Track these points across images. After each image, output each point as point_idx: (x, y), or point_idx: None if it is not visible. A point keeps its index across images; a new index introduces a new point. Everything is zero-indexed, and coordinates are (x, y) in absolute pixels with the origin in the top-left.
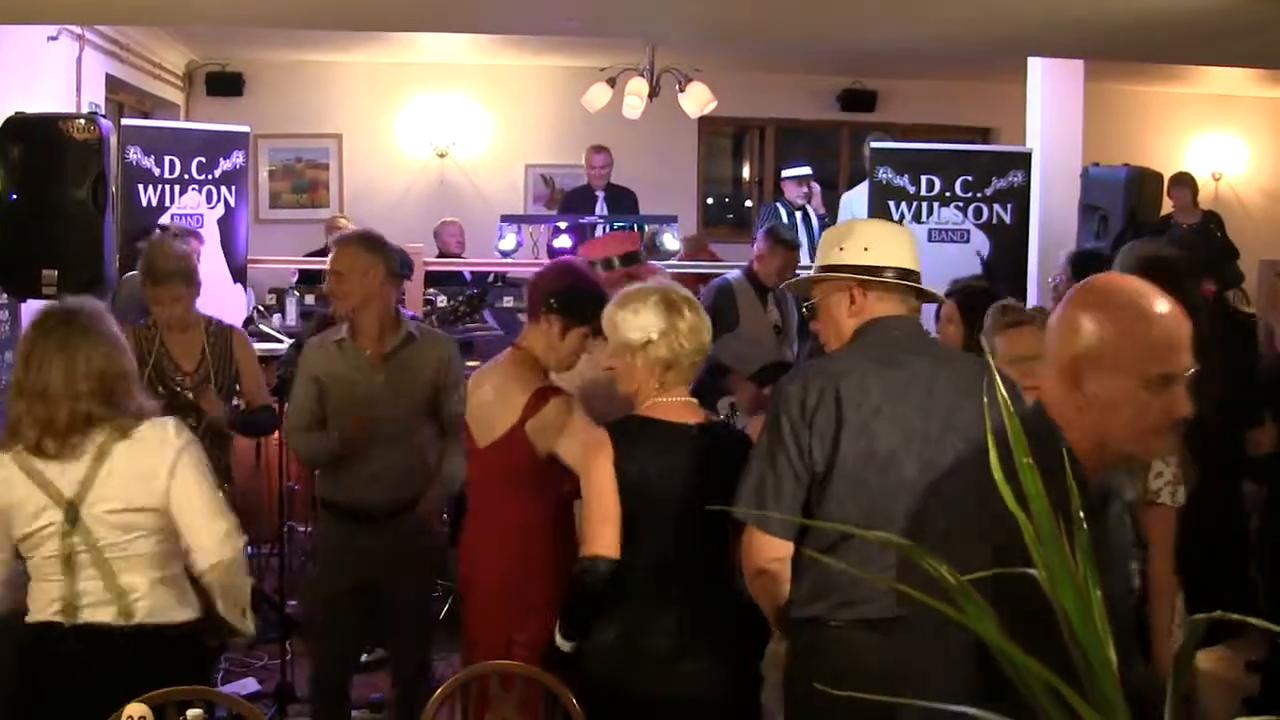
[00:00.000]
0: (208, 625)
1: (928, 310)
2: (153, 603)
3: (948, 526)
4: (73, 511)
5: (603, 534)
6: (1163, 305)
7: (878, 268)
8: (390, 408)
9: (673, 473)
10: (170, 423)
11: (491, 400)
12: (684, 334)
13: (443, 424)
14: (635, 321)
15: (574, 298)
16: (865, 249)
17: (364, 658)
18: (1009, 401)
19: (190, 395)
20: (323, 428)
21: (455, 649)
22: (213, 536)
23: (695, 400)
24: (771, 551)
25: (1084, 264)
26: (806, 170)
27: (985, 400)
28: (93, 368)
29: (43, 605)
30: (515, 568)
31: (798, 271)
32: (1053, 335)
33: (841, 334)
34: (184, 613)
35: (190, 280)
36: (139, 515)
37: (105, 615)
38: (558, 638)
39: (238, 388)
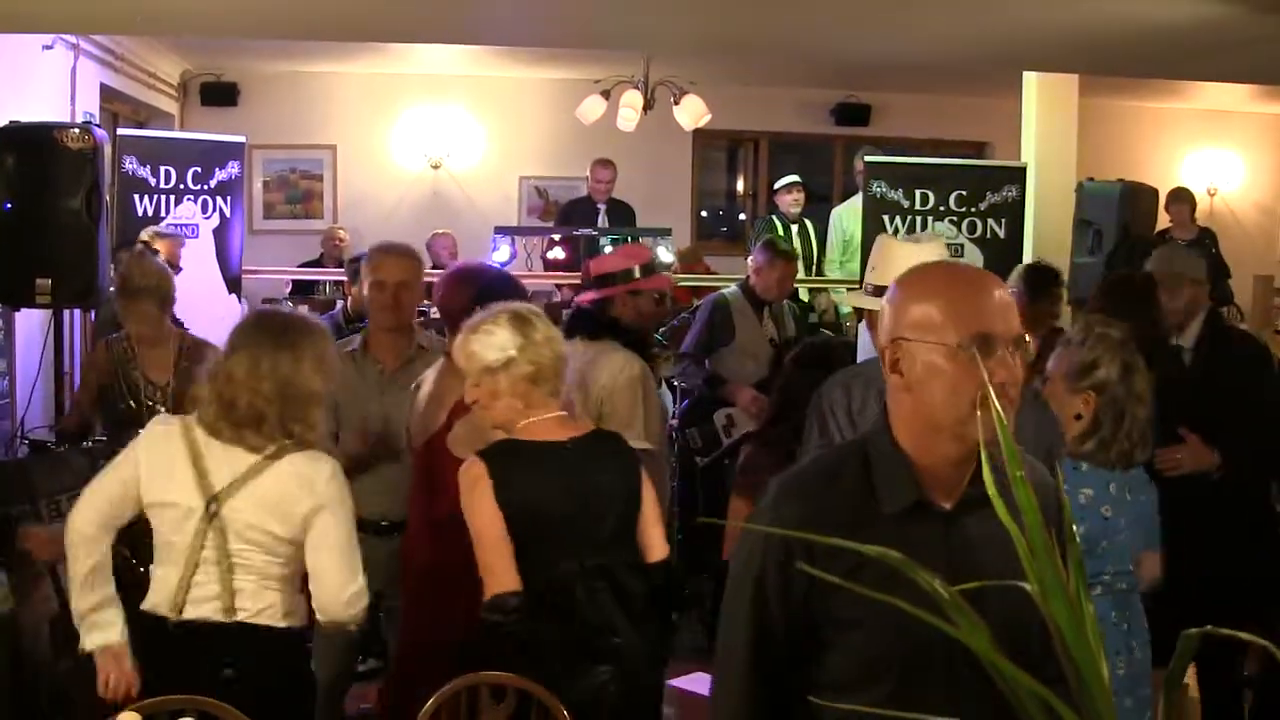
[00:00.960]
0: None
1: None
2: (257, 604)
3: None
4: (214, 506)
5: (497, 569)
6: (973, 274)
7: (881, 288)
8: (400, 421)
9: (551, 492)
10: (328, 463)
11: (425, 405)
12: (541, 345)
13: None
14: (491, 342)
15: (496, 293)
16: (872, 268)
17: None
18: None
19: (162, 410)
20: (333, 441)
21: None
22: (338, 595)
23: (565, 413)
24: None
25: (1036, 277)
26: (795, 178)
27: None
28: (278, 371)
29: (156, 588)
30: (438, 568)
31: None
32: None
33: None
34: (289, 620)
35: (163, 299)
36: (269, 539)
37: (208, 609)
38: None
39: None
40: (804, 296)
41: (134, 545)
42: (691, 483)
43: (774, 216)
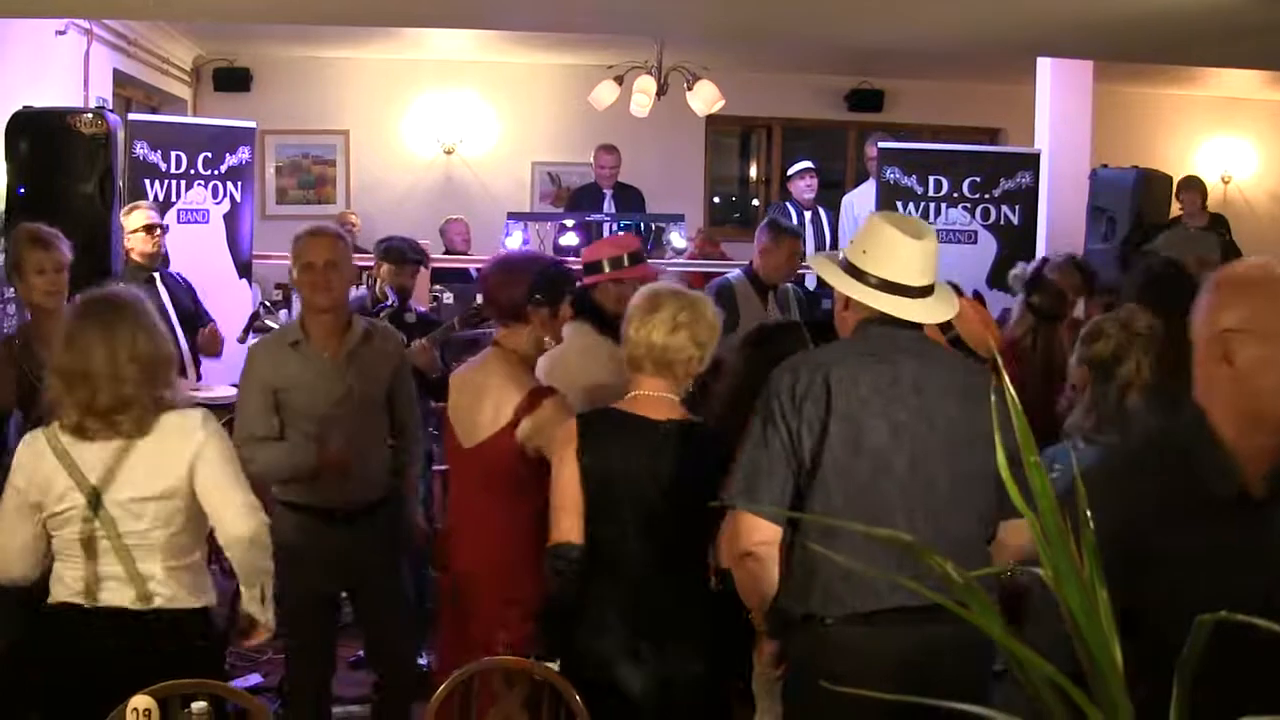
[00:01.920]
0: (229, 615)
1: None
2: (170, 590)
3: None
4: (95, 498)
5: (563, 523)
6: None
7: (861, 273)
8: (356, 408)
9: (630, 466)
10: (197, 414)
11: (480, 401)
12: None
13: (399, 413)
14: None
15: (551, 281)
16: (864, 251)
17: (359, 653)
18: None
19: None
20: (279, 437)
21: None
22: (233, 510)
23: (673, 396)
24: (760, 534)
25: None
26: (809, 164)
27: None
28: (137, 350)
29: (64, 586)
30: (497, 569)
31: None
32: (1195, 321)
33: (842, 327)
34: (200, 599)
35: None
36: (159, 504)
37: (124, 599)
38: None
39: None
40: (811, 283)
41: None
42: None
43: (787, 203)
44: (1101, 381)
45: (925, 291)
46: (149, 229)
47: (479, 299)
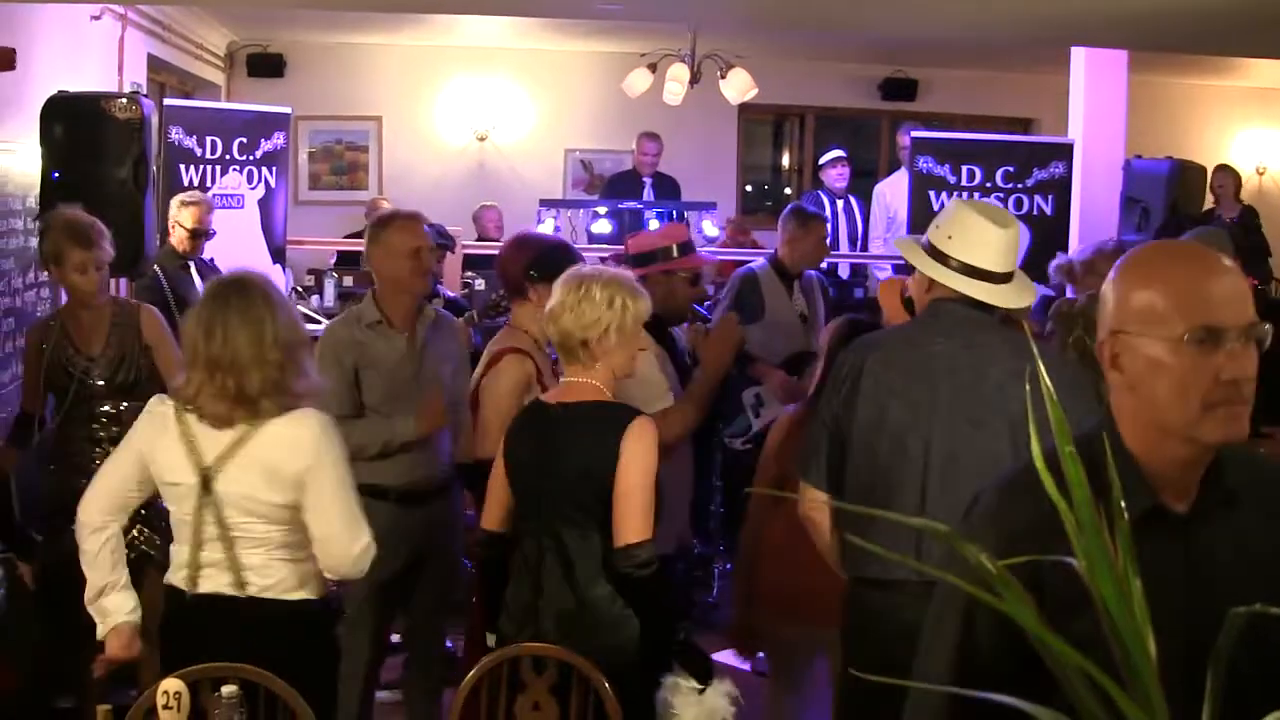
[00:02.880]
0: (330, 603)
1: None
2: (268, 579)
3: None
4: (206, 481)
5: (487, 506)
6: (1202, 256)
7: (944, 255)
8: (429, 389)
9: (528, 450)
10: (315, 419)
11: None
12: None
13: (457, 398)
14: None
15: (549, 259)
16: (949, 236)
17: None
18: (1051, 388)
19: (100, 384)
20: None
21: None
22: (345, 553)
23: (589, 381)
24: (810, 501)
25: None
26: (840, 153)
27: (1028, 387)
28: (280, 337)
29: (174, 566)
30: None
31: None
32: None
33: (890, 307)
34: (302, 592)
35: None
36: (262, 505)
37: (221, 584)
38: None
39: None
40: (844, 273)
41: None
42: (725, 462)
43: (820, 192)
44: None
45: (1006, 278)
46: (195, 235)
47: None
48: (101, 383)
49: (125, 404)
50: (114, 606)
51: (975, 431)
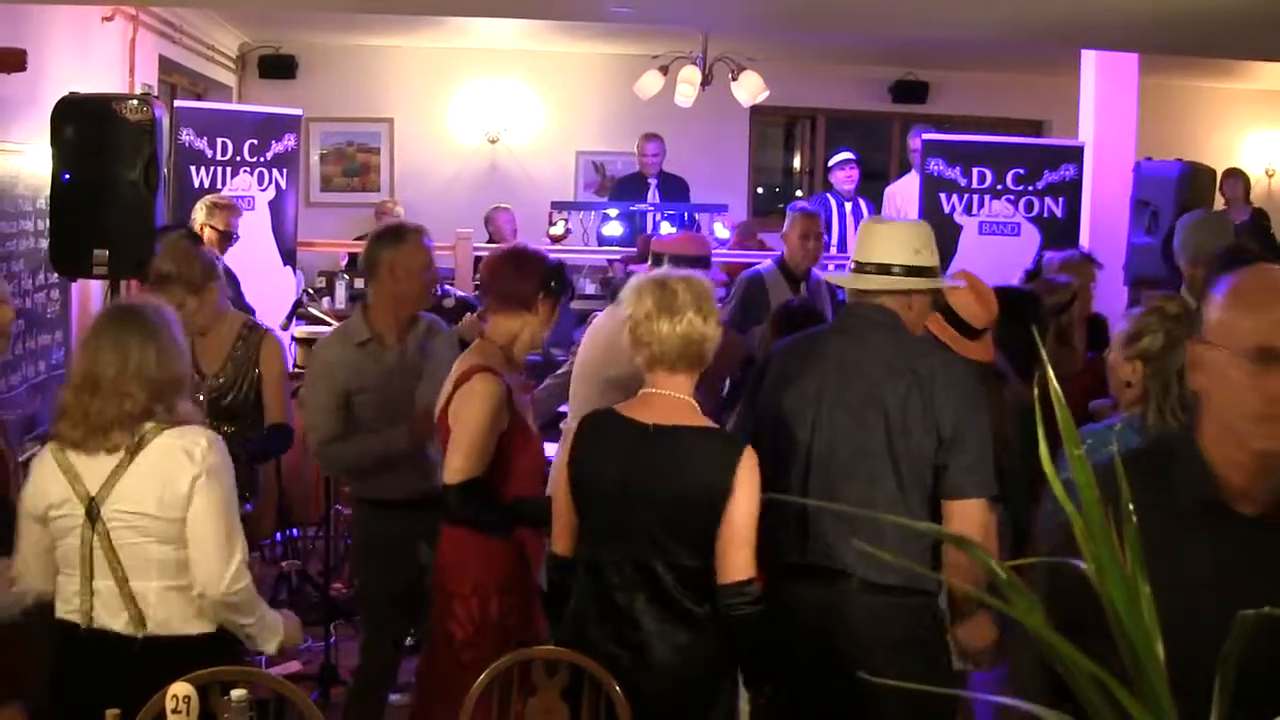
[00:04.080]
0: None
1: None
2: (164, 613)
3: None
4: (93, 508)
5: (555, 529)
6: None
7: (858, 263)
8: (423, 400)
9: (610, 470)
10: (203, 435)
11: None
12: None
13: None
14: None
15: (557, 274)
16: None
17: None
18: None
19: (204, 402)
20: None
21: None
22: (213, 568)
23: (683, 397)
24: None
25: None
26: (849, 155)
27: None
28: (145, 368)
29: (64, 600)
30: (443, 561)
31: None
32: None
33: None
34: (199, 625)
35: (195, 287)
36: (153, 522)
37: (117, 622)
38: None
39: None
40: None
41: None
42: None
43: (828, 194)
44: (1158, 372)
45: (884, 269)
46: (226, 237)
47: None
48: (207, 402)
49: (226, 428)
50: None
51: (854, 424)
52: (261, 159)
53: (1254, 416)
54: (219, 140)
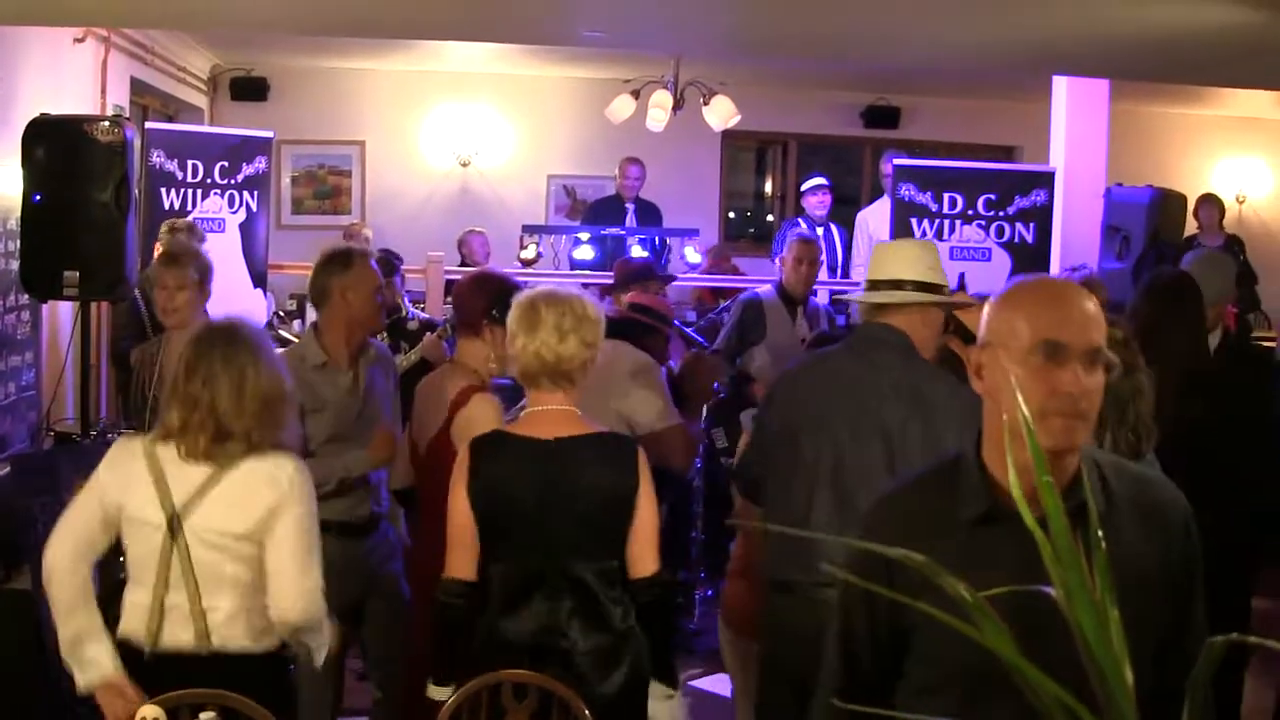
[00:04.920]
0: (286, 649)
1: None
2: (232, 629)
3: None
4: (175, 520)
5: (453, 556)
6: (1060, 286)
7: (873, 281)
8: (369, 423)
9: (520, 487)
10: (290, 461)
11: (427, 407)
12: (544, 338)
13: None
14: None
15: (510, 302)
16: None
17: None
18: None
19: None
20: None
21: None
22: (293, 590)
23: (570, 409)
24: (739, 505)
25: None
26: (822, 180)
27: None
28: (260, 388)
29: (130, 614)
30: (418, 578)
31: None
32: None
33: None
34: (264, 642)
35: (202, 271)
36: (233, 542)
37: (184, 636)
38: (430, 687)
39: None
40: (822, 299)
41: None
42: (715, 483)
43: (800, 219)
44: (1114, 402)
45: (898, 285)
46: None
47: None
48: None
49: None
50: (91, 658)
51: (856, 442)
52: (232, 181)
53: (1039, 412)
54: (190, 162)
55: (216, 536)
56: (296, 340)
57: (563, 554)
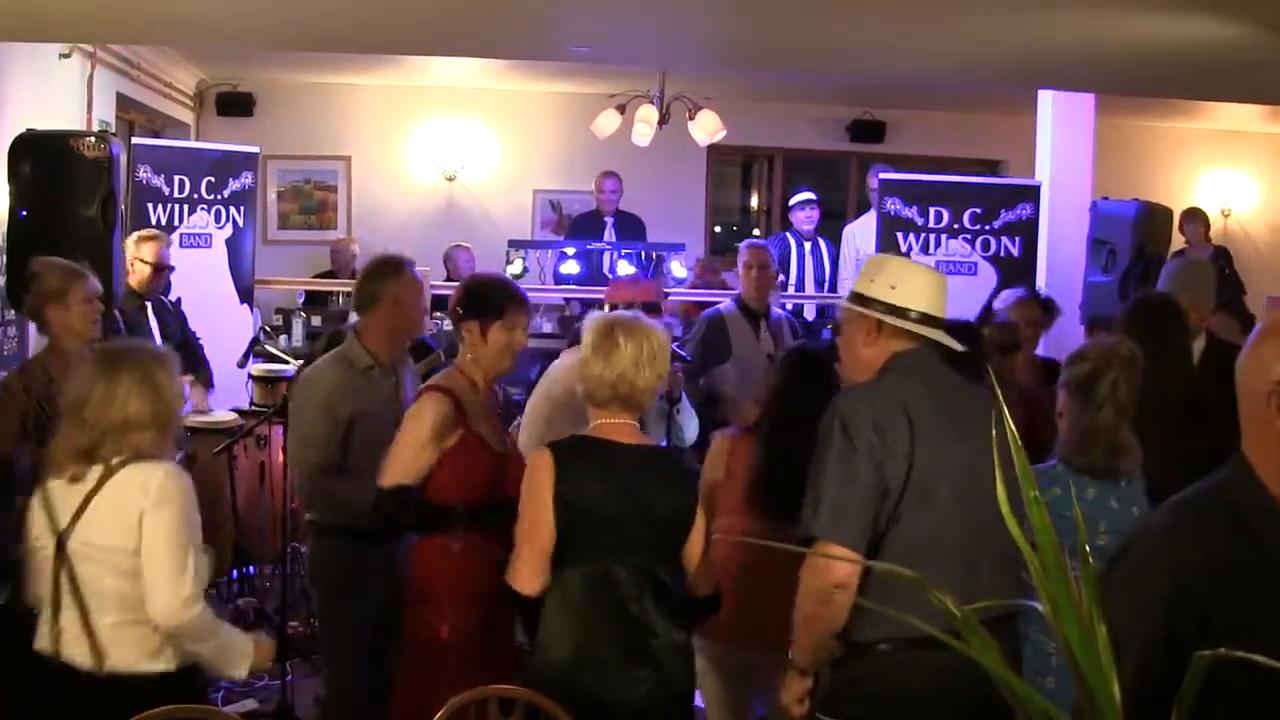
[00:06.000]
0: (194, 673)
1: None
2: (124, 649)
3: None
4: (60, 542)
5: (522, 559)
6: None
7: (903, 309)
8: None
9: (608, 490)
10: (161, 468)
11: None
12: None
13: None
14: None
15: (476, 295)
16: (892, 287)
17: None
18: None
19: None
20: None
21: None
22: (164, 596)
23: (633, 423)
24: (851, 567)
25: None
26: (810, 195)
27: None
28: (130, 402)
29: (39, 632)
30: (418, 565)
31: (816, 298)
32: (1244, 370)
33: (858, 360)
34: (159, 663)
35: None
36: (112, 554)
37: (79, 655)
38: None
39: None
40: (810, 314)
41: None
42: None
43: (787, 233)
44: (1081, 403)
45: (941, 323)
46: (158, 270)
47: None
48: None
49: None
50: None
51: (985, 477)
52: (219, 196)
53: None
54: (176, 177)
55: (95, 550)
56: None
57: (643, 556)
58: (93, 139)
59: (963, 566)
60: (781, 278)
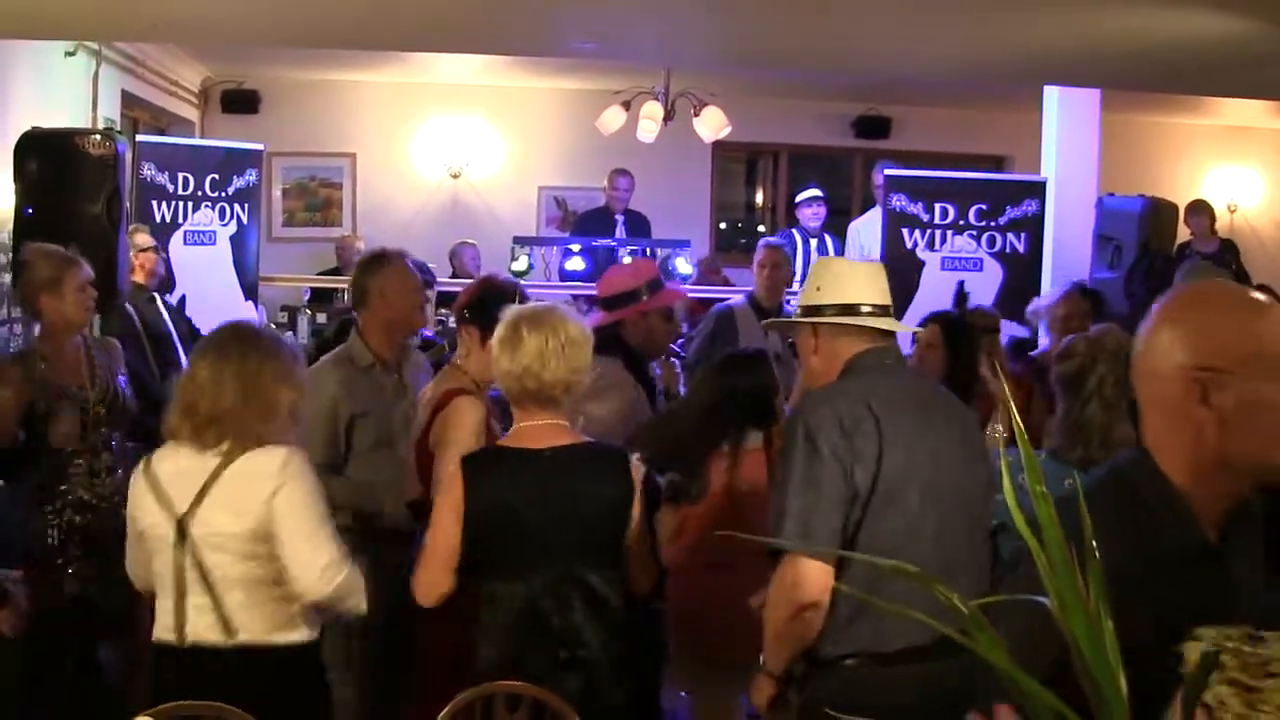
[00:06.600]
0: (319, 645)
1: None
2: (258, 623)
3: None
4: (181, 529)
5: (430, 572)
6: (1237, 288)
7: (819, 307)
8: (408, 426)
9: (520, 499)
10: (281, 450)
11: (421, 414)
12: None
13: None
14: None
15: (485, 303)
16: (818, 289)
17: None
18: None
19: (102, 410)
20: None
21: None
22: (307, 570)
23: (560, 422)
24: (825, 580)
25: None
26: (817, 192)
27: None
28: (245, 370)
29: (160, 620)
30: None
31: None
32: (1154, 355)
33: (810, 369)
34: (294, 634)
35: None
36: (237, 541)
37: (211, 634)
38: None
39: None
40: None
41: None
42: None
43: (793, 229)
44: (1070, 397)
45: (884, 310)
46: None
47: None
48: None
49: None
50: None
51: (960, 473)
52: (223, 194)
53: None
54: (181, 175)
55: (221, 539)
56: None
57: (570, 564)
58: (98, 137)
59: (938, 567)
60: None
